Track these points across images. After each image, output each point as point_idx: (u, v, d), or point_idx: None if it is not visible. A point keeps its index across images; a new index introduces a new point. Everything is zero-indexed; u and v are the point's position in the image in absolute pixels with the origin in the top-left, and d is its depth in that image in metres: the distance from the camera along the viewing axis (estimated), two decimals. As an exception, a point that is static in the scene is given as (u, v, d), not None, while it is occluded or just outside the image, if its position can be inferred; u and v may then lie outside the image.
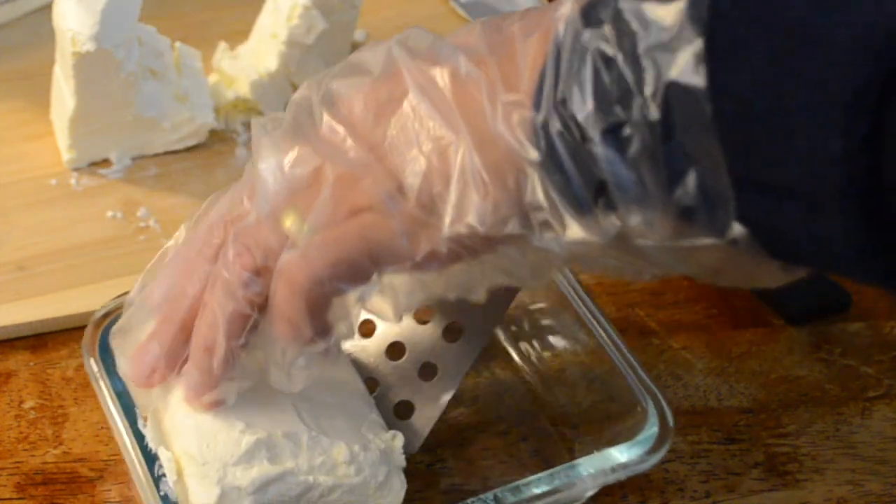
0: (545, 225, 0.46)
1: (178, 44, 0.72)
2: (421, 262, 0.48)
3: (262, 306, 0.50)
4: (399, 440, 0.55)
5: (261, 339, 0.51)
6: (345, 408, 0.55)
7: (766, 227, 0.42)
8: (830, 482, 0.62)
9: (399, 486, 0.54)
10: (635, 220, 0.44)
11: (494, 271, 0.49)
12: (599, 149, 0.43)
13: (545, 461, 0.60)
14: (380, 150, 0.48)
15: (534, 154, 0.45)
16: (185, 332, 0.52)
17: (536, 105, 0.44)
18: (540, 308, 0.63)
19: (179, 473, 0.52)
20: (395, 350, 0.59)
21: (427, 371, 0.58)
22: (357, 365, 0.58)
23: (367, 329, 0.59)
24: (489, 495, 0.54)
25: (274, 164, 0.49)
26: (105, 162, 0.72)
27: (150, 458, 0.53)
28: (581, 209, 0.45)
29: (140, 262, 0.66)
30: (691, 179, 0.42)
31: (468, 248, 0.47)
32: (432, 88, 0.47)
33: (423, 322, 0.59)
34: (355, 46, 0.80)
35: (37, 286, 0.65)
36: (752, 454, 0.63)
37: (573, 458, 0.56)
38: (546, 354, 0.64)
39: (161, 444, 0.53)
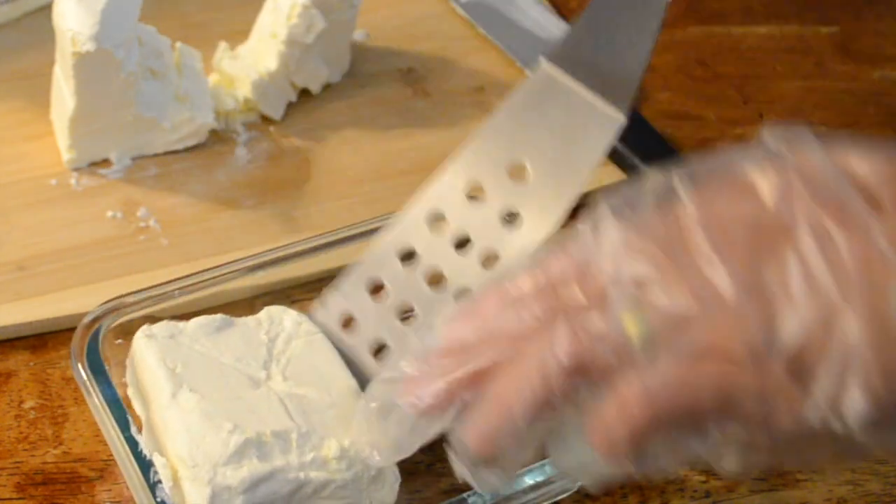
0: None
1: (178, 44, 0.72)
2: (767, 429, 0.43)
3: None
4: None
5: (563, 430, 0.47)
6: (335, 404, 0.55)
7: None
8: (830, 482, 0.62)
9: (392, 479, 0.55)
10: None
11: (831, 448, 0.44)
12: None
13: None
14: (756, 290, 0.42)
15: None
16: (472, 381, 0.47)
17: None
18: None
19: (175, 478, 0.53)
20: None
21: None
22: (363, 359, 0.58)
23: None
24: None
25: (633, 272, 0.44)
26: (105, 162, 0.72)
27: (146, 465, 0.53)
28: None
29: (140, 262, 0.67)
30: None
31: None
32: (831, 245, 0.42)
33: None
34: (354, 46, 0.80)
35: (37, 286, 0.65)
36: (752, 454, 0.63)
37: None
38: None
39: (156, 451, 0.54)
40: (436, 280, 0.59)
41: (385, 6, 0.84)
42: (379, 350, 0.59)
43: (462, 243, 0.59)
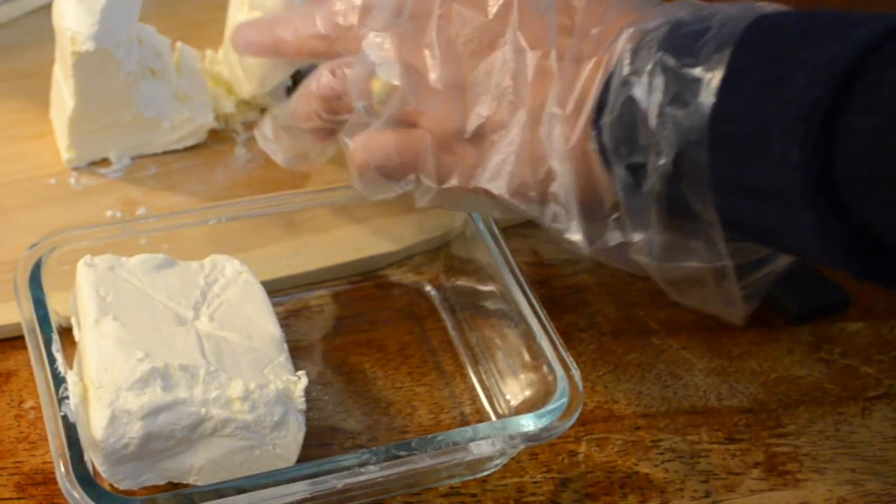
0: (556, 217, 0.56)
1: (178, 44, 0.72)
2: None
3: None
4: (301, 384, 0.56)
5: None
6: (253, 350, 0.57)
7: (752, 225, 0.51)
8: (830, 482, 0.62)
9: (296, 428, 0.56)
10: (637, 238, 0.54)
11: (494, 205, 0.59)
12: (620, 177, 0.53)
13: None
14: (461, 87, 0.57)
15: (564, 166, 0.54)
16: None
17: (585, 123, 0.54)
18: (481, 291, 0.64)
19: (84, 398, 0.54)
20: None
21: None
22: None
23: None
24: (381, 449, 0.54)
25: (384, 49, 0.58)
26: (104, 161, 0.72)
27: (58, 381, 0.55)
28: (591, 221, 0.55)
29: (140, 261, 0.66)
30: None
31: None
32: (524, 58, 0.55)
33: None
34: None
35: (36, 286, 0.65)
36: (752, 454, 0.63)
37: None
38: (479, 335, 0.65)
39: (75, 372, 0.56)
40: None
41: (385, 6, 0.84)
42: None
43: None
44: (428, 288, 0.68)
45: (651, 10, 0.55)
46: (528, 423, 0.56)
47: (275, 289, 0.63)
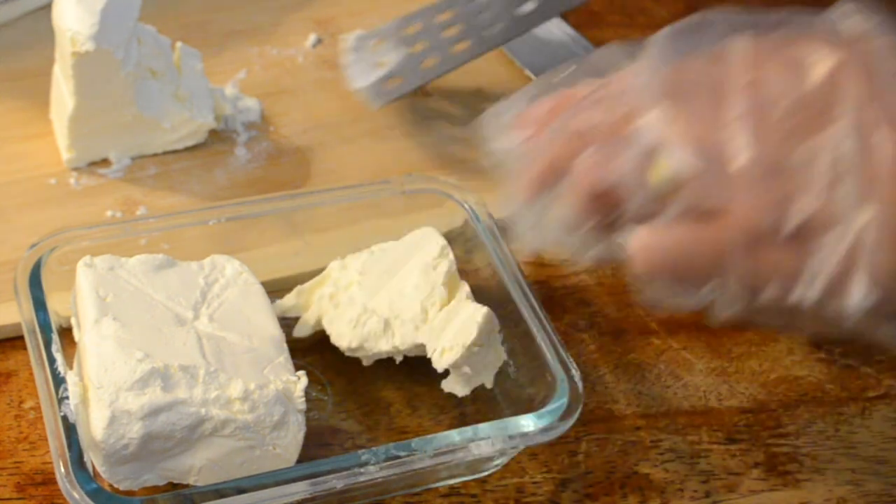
0: None
1: (178, 44, 0.72)
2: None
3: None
4: (301, 384, 0.56)
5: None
6: (253, 350, 0.57)
7: None
8: (830, 482, 0.62)
9: (296, 428, 0.56)
10: None
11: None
12: None
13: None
14: (776, 170, 0.44)
15: None
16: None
17: None
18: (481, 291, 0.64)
19: (84, 398, 0.54)
20: None
21: None
22: None
23: None
24: (381, 449, 0.54)
25: (674, 130, 0.45)
26: (104, 161, 0.72)
27: (58, 381, 0.55)
28: None
29: (140, 261, 0.66)
30: None
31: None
32: (873, 137, 0.43)
33: None
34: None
35: (36, 286, 0.65)
36: (752, 454, 0.63)
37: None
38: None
39: (76, 373, 0.56)
40: None
41: (385, 6, 0.84)
42: None
43: None
44: (428, 288, 0.68)
45: None
46: (528, 424, 0.56)
47: (275, 289, 0.63)
